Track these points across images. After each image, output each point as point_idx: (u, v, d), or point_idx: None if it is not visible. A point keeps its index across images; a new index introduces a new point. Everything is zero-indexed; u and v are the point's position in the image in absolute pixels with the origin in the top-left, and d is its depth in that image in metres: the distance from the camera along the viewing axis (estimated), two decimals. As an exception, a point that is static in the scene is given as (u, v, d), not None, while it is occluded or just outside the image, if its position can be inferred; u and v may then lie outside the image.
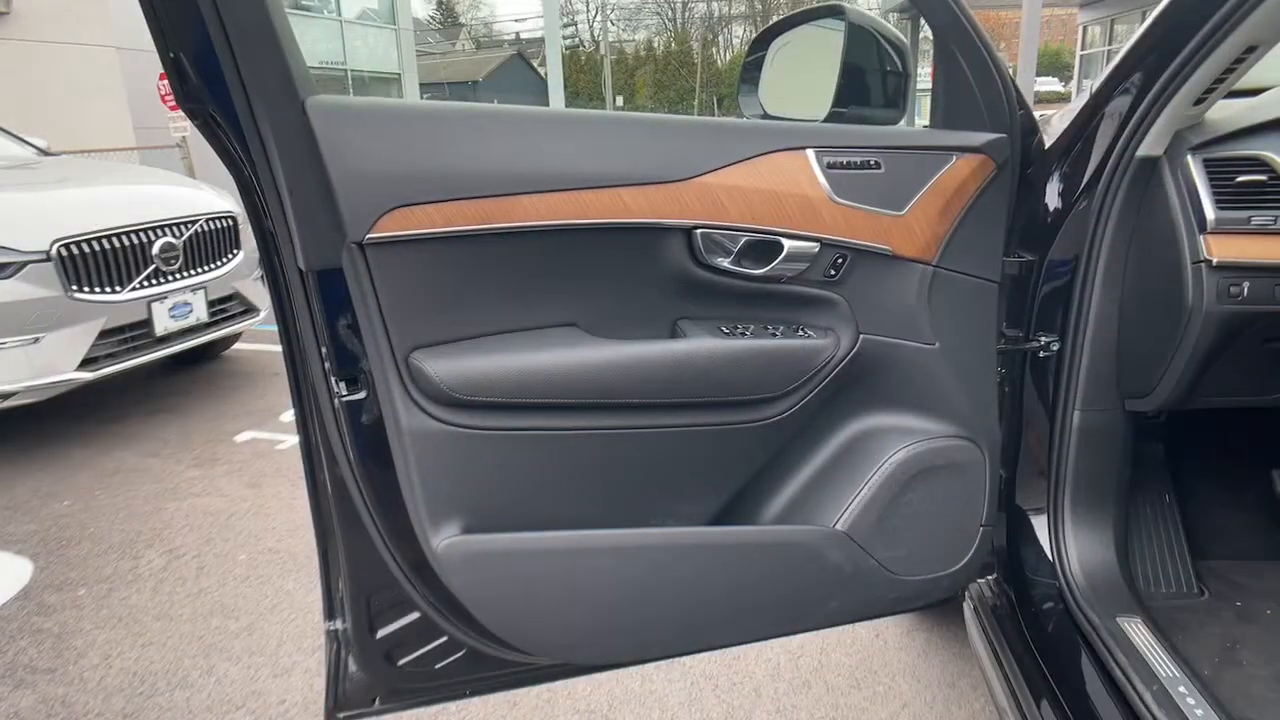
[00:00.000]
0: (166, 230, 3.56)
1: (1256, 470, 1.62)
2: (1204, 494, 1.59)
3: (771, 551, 1.22)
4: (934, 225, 1.17)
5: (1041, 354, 1.38)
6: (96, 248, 3.28)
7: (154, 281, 3.51)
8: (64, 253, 3.17)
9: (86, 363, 3.25)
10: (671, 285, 1.15)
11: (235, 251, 3.94)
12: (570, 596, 1.13)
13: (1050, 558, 1.40)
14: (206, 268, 3.77)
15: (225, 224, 3.88)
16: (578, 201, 1.04)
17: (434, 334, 1.04)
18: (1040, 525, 1.43)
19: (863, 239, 1.15)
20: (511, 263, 1.06)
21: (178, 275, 3.61)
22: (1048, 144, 1.32)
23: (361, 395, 1.07)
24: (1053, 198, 1.34)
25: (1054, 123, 1.37)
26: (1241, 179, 1.18)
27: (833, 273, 1.17)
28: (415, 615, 1.21)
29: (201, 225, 3.73)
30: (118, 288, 3.37)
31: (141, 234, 3.46)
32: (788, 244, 1.12)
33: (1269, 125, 1.20)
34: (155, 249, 3.49)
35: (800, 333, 1.18)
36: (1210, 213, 1.17)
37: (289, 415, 3.74)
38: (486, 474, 1.09)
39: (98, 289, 3.29)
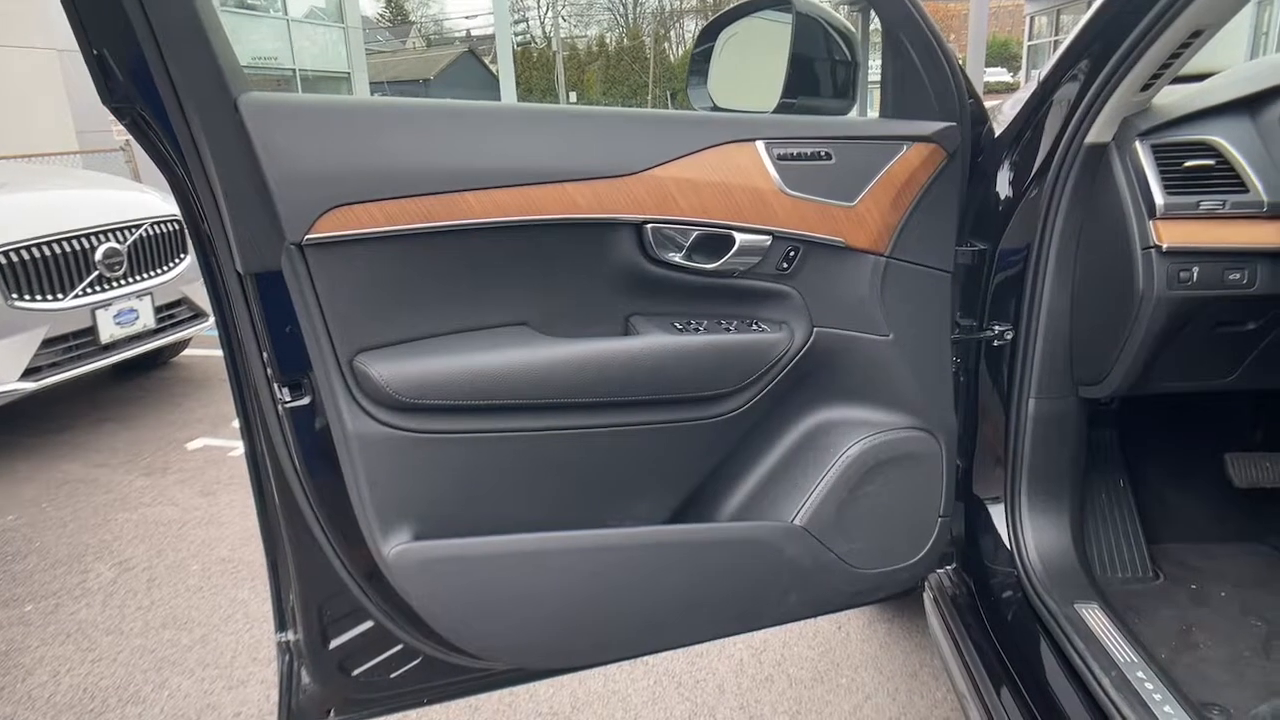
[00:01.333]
0: (109, 235, 3.45)
1: (1207, 454, 1.65)
2: (1156, 478, 1.62)
3: (730, 548, 1.21)
4: (886, 215, 1.17)
5: (996, 343, 1.39)
6: (37, 254, 3.17)
7: (98, 288, 3.40)
8: (3, 260, 3.06)
9: (29, 373, 3.15)
10: (623, 281, 1.13)
11: (182, 256, 3.83)
12: (526, 600, 1.11)
13: (1008, 546, 1.41)
14: (152, 273, 3.66)
15: (170, 228, 3.77)
16: (525, 197, 1.02)
17: (379, 336, 1.02)
18: (998, 514, 1.44)
19: (815, 231, 1.15)
20: (458, 262, 1.04)
21: (122, 281, 3.50)
22: (998, 133, 1.33)
23: (306, 400, 1.04)
24: (1003, 186, 1.35)
25: (1004, 110, 1.38)
26: (1189, 164, 1.20)
27: (785, 266, 1.16)
28: (369, 624, 1.19)
29: (146, 230, 3.62)
30: (59, 295, 3.25)
31: (83, 240, 3.35)
32: (739, 237, 1.12)
33: (1215, 110, 1.22)
34: (98, 255, 3.38)
35: (754, 327, 1.18)
36: (1159, 198, 1.18)
37: (242, 422, 3.65)
38: (437, 478, 1.07)
39: (39, 297, 3.18)
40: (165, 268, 3.74)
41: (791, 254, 1.16)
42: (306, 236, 0.93)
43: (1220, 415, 1.62)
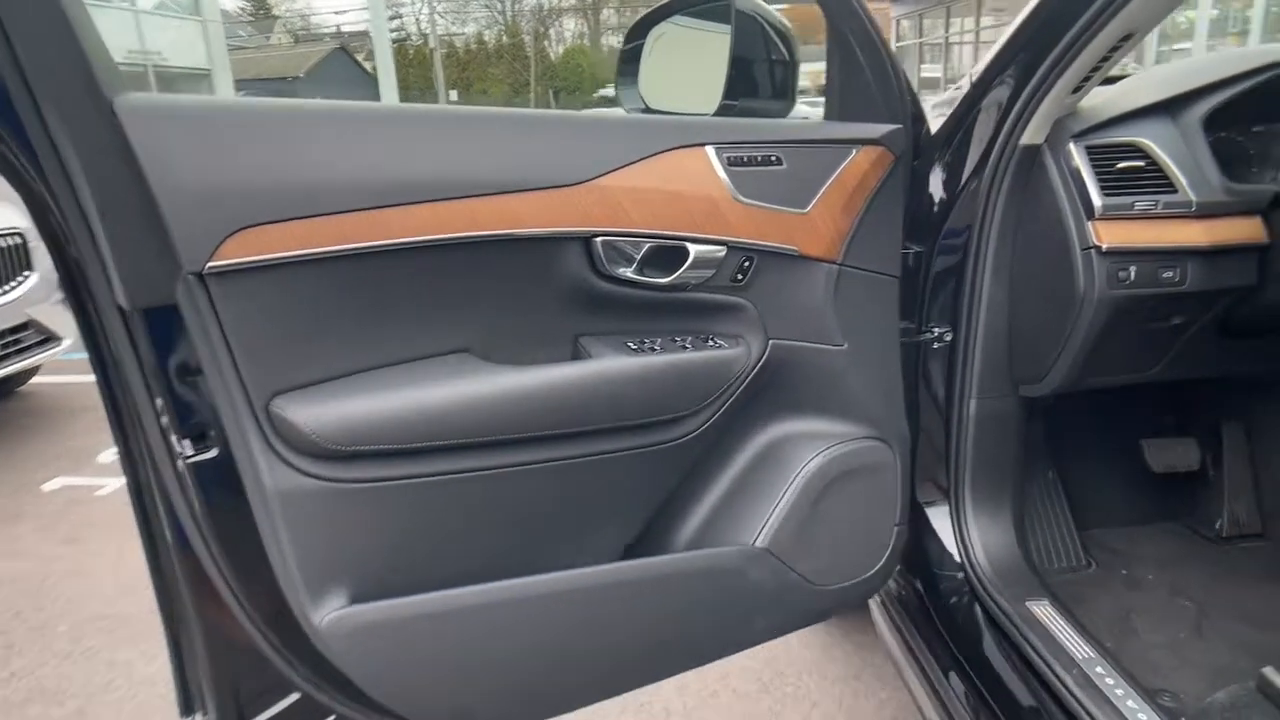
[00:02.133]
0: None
1: (1126, 442, 1.71)
2: (1081, 468, 1.67)
3: (693, 579, 1.13)
4: (838, 222, 1.13)
5: (936, 345, 1.38)
6: None
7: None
8: None
9: None
10: (570, 300, 1.04)
11: (26, 273, 3.42)
12: (481, 659, 1.00)
13: (955, 547, 1.41)
14: (-9, 294, 3.25)
15: (11, 242, 3.35)
16: (463, 212, 0.91)
17: (299, 375, 0.88)
18: (941, 515, 1.43)
19: (769, 240, 1.09)
20: (389, 285, 0.92)
21: (-51, 304, 3.09)
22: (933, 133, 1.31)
23: (213, 454, 0.89)
24: (939, 188, 1.33)
25: (931, 111, 1.37)
26: (1122, 165, 1.21)
27: (739, 277, 1.10)
28: (295, 697, 1.04)
29: (-24, 244, 3.21)
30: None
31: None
32: (694, 249, 1.04)
33: (1140, 112, 1.24)
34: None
35: (710, 343, 1.10)
36: (1097, 200, 1.19)
37: (108, 455, 3.30)
38: (373, 533, 0.94)
39: None
40: (6, 288, 3.33)
41: (746, 264, 1.09)
42: (209, 264, 0.79)
43: (1135, 405, 1.68)
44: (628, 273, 1.03)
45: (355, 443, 0.89)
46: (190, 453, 0.88)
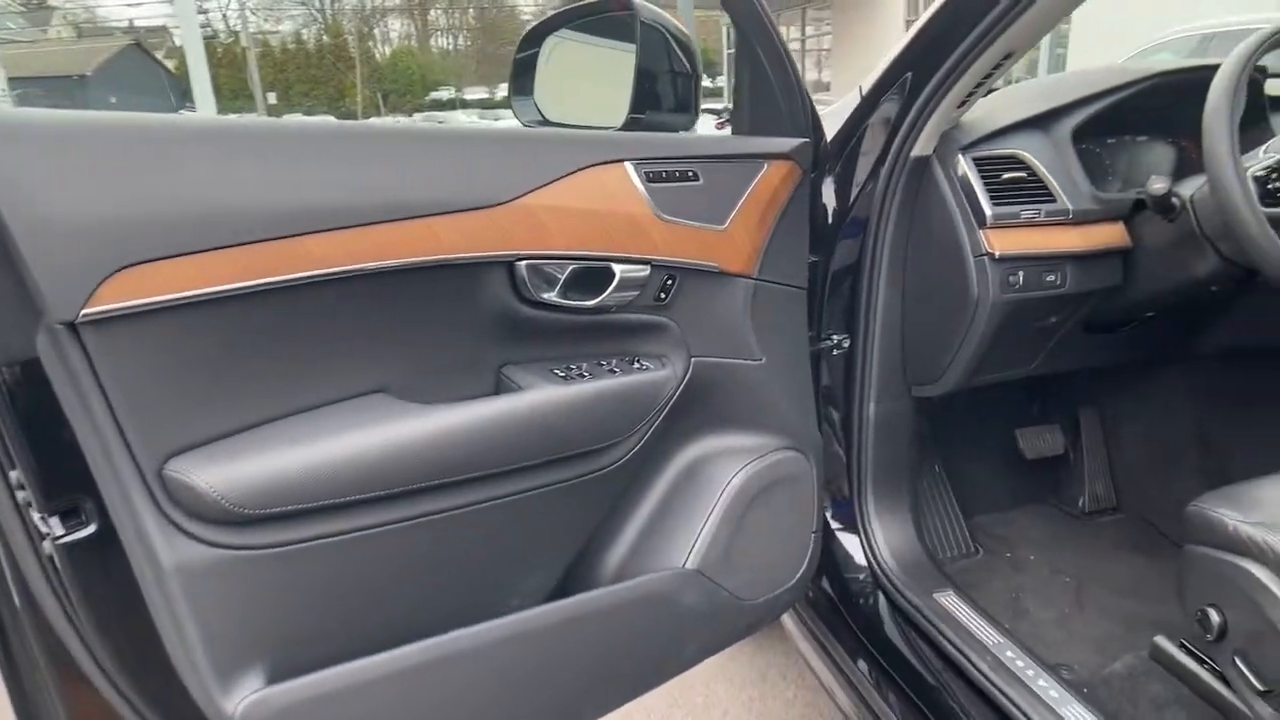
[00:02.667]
0: None
1: (1002, 431, 1.83)
2: (963, 459, 1.77)
3: (629, 610, 1.10)
4: (754, 237, 1.13)
5: (835, 352, 1.41)
6: None
7: None
8: None
9: None
10: (493, 328, 0.97)
11: None
12: None
13: (860, 546, 1.45)
14: None
15: None
16: (377, 239, 0.82)
17: (197, 432, 0.77)
18: (846, 516, 1.47)
19: (691, 257, 1.07)
20: (295, 324, 0.81)
21: None
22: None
23: (89, 531, 0.76)
24: (833, 199, 1.37)
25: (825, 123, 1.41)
26: (1007, 176, 1.29)
27: (663, 296, 1.07)
28: None
29: None
30: None
31: None
32: (619, 270, 1.00)
33: (1017, 126, 1.33)
34: None
35: (637, 365, 1.07)
36: (988, 209, 1.26)
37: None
38: (292, 601, 0.83)
39: None
40: None
41: (669, 283, 1.07)
42: (83, 311, 0.67)
43: (1007, 397, 1.81)
44: (552, 296, 0.98)
45: (267, 504, 0.78)
46: (60, 532, 0.75)
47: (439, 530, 0.92)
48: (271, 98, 33.13)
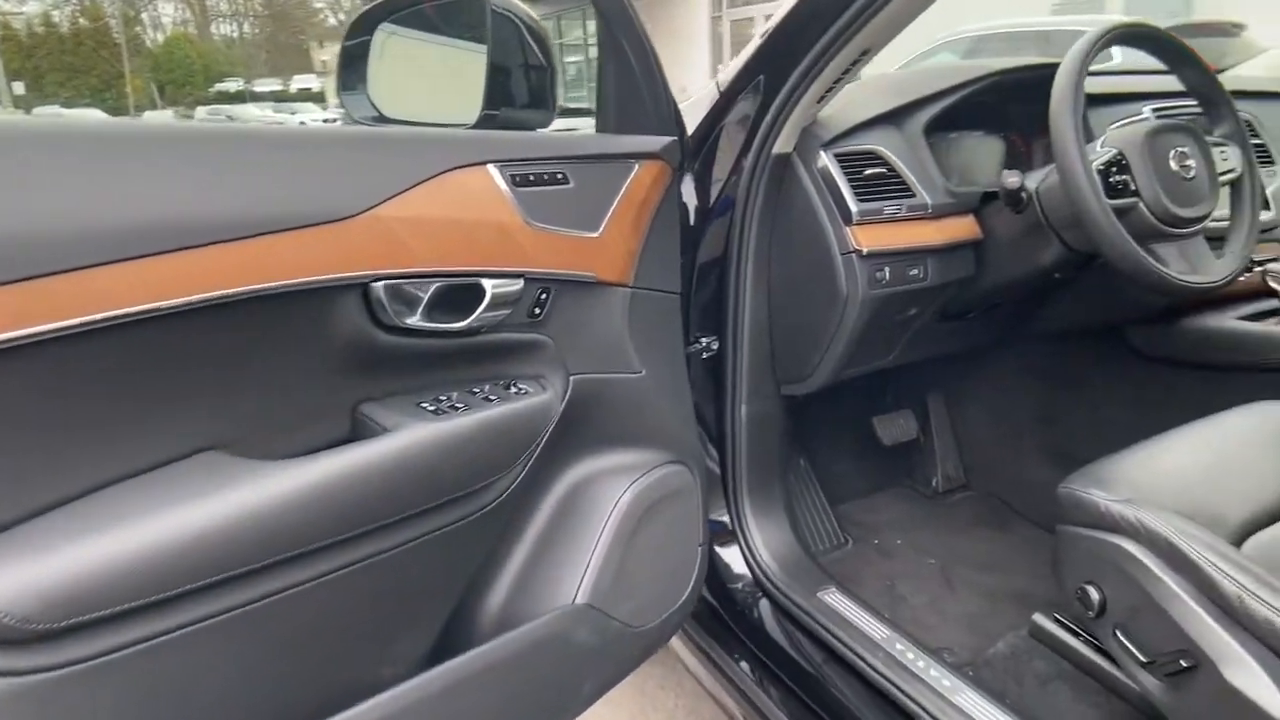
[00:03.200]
0: None
1: (859, 421, 1.87)
2: (824, 451, 1.79)
3: (517, 660, 0.99)
4: (628, 242, 1.05)
5: (704, 355, 1.37)
6: None
7: None
8: None
9: None
10: (346, 361, 0.83)
11: None
12: None
13: (740, 552, 1.42)
14: None
15: None
16: (198, 265, 0.67)
17: None
18: (723, 523, 1.44)
19: (567, 267, 0.97)
20: (95, 377, 0.64)
21: None
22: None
23: None
24: (694, 197, 1.32)
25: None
26: (869, 172, 1.29)
27: (537, 311, 0.97)
28: None
29: None
30: None
31: None
32: (489, 286, 0.89)
33: (873, 121, 1.33)
34: None
35: (514, 389, 0.96)
36: (854, 205, 1.25)
37: None
38: None
39: None
40: None
41: (543, 296, 0.97)
42: None
43: (863, 388, 1.85)
44: (415, 320, 0.85)
45: (71, 612, 0.61)
46: None
47: (290, 609, 0.77)
48: (19, 87, 29.07)
